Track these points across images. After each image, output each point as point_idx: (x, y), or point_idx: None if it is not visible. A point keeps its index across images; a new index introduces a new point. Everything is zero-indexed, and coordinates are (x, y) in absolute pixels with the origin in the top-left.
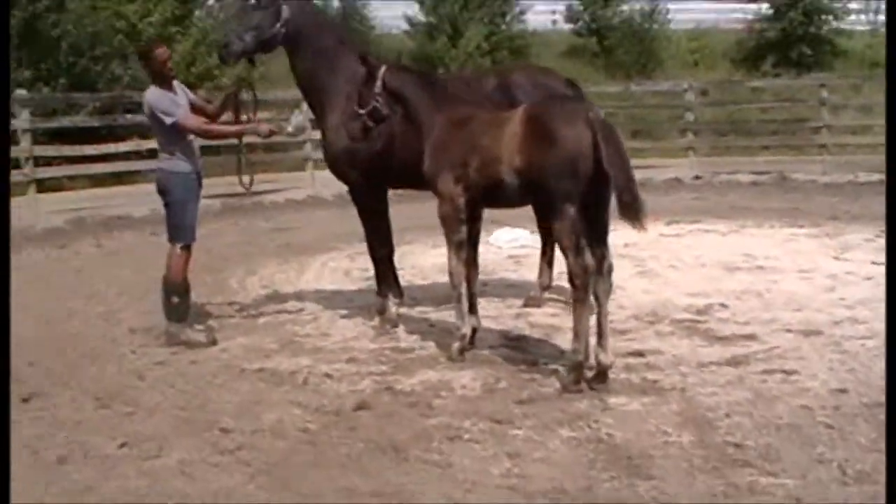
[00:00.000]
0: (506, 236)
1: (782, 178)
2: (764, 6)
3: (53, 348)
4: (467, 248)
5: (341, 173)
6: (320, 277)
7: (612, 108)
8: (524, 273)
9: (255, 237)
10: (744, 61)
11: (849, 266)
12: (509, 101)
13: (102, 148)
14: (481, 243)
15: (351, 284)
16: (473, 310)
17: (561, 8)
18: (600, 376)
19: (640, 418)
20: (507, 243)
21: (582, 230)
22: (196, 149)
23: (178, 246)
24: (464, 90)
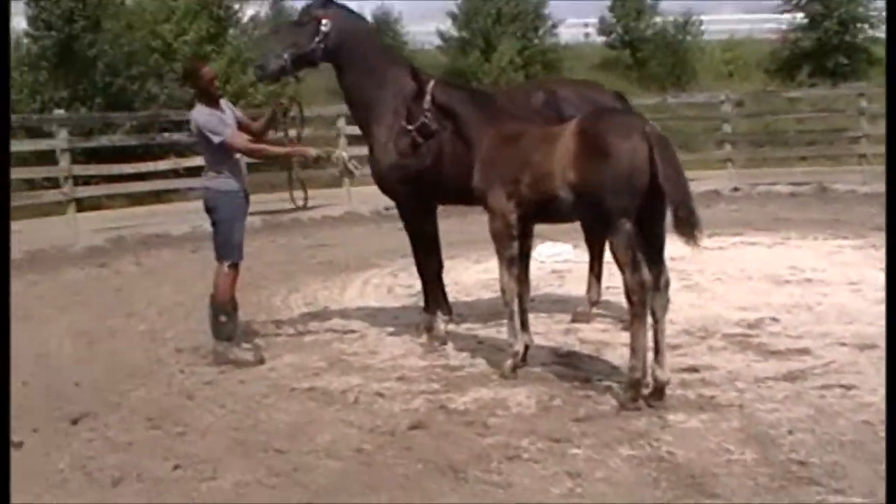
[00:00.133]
0: (548, 251)
1: (821, 189)
2: (799, 16)
3: (99, 368)
4: (519, 264)
5: (389, 189)
6: (363, 294)
7: (649, 121)
8: (569, 288)
9: (295, 254)
10: (778, 71)
11: None
12: (558, 116)
13: (140, 166)
14: None
15: (395, 301)
16: (525, 326)
17: (593, 21)
18: (657, 393)
19: (700, 436)
20: (549, 258)
21: (638, 245)
22: (243, 167)
23: (225, 264)
24: (512, 105)
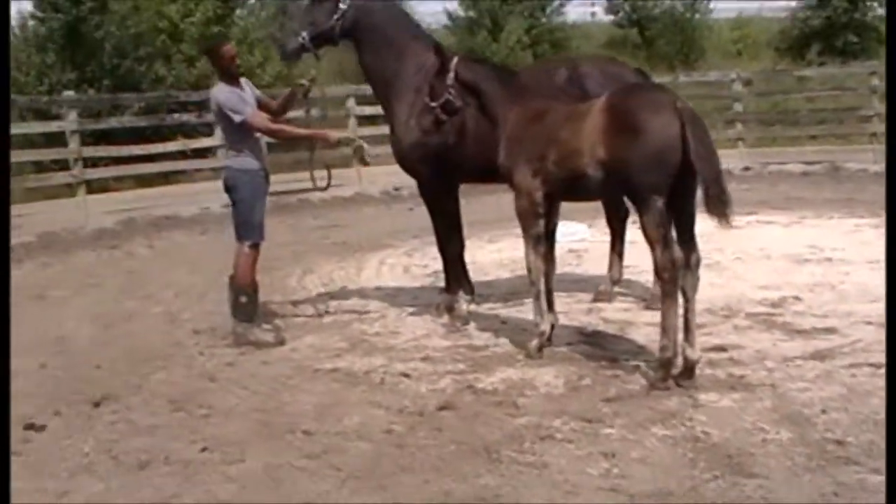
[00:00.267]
0: (564, 231)
1: (834, 168)
2: None
3: (118, 351)
4: (545, 242)
5: (411, 168)
6: (380, 275)
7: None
8: (587, 267)
9: (307, 235)
10: (788, 50)
11: None
12: (581, 92)
13: (149, 148)
14: None
15: (412, 281)
16: (551, 306)
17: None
18: (687, 372)
19: (733, 415)
20: (565, 237)
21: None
22: (263, 146)
23: (246, 245)
24: (536, 82)
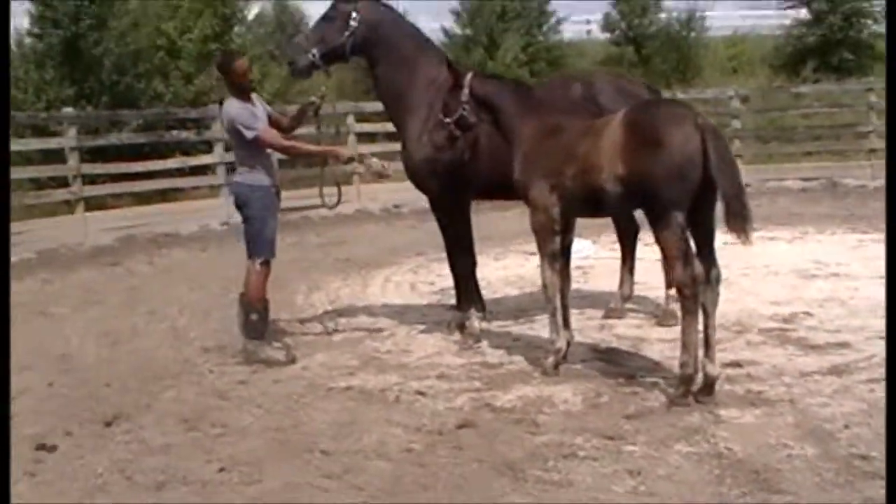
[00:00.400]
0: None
1: (832, 184)
2: (802, 11)
3: (125, 369)
4: (561, 258)
5: (422, 184)
6: (386, 292)
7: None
8: (594, 284)
9: (309, 252)
10: (783, 67)
11: None
12: (596, 108)
13: (148, 165)
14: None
15: (419, 299)
16: (567, 323)
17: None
18: (707, 388)
19: (757, 431)
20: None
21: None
22: (274, 162)
23: (257, 262)
24: (552, 97)
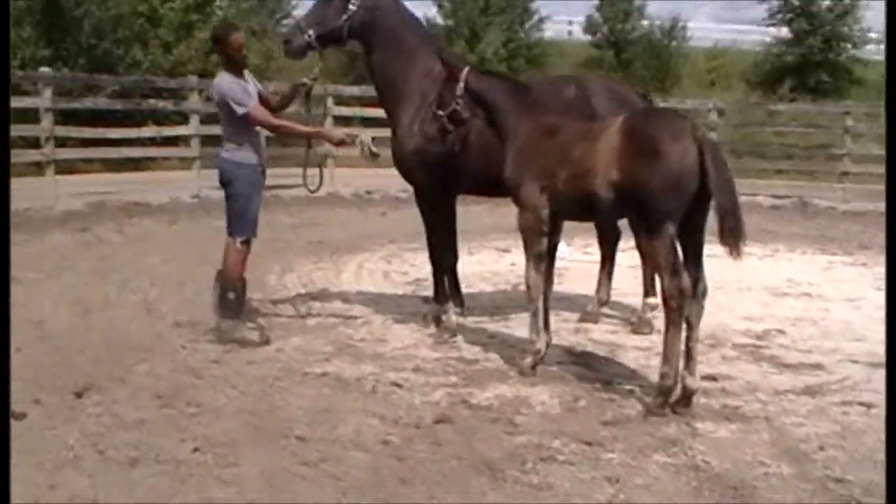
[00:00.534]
0: None
1: (802, 204)
2: (784, 30)
3: (97, 339)
4: (546, 260)
5: (408, 173)
6: (359, 279)
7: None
8: (568, 286)
9: (281, 233)
10: (760, 84)
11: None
12: (589, 110)
13: (123, 132)
14: (517, 258)
15: (393, 288)
16: (546, 325)
17: (578, 19)
18: (685, 400)
19: (733, 446)
20: None
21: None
22: (262, 141)
23: (238, 240)
24: (546, 97)
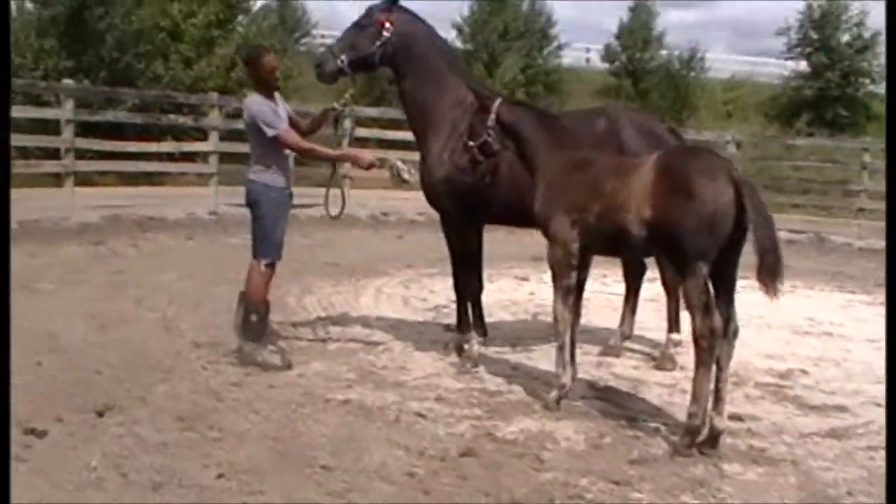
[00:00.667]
0: None
1: (819, 239)
2: (802, 64)
3: (116, 356)
4: (574, 294)
5: (436, 200)
6: (379, 303)
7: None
8: (588, 318)
9: (298, 253)
10: (777, 117)
11: None
12: (619, 143)
13: (143, 146)
14: (536, 286)
15: (413, 315)
16: (573, 359)
17: (596, 46)
18: (712, 441)
19: (761, 489)
20: None
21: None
22: (290, 164)
23: (262, 262)
24: (576, 130)
